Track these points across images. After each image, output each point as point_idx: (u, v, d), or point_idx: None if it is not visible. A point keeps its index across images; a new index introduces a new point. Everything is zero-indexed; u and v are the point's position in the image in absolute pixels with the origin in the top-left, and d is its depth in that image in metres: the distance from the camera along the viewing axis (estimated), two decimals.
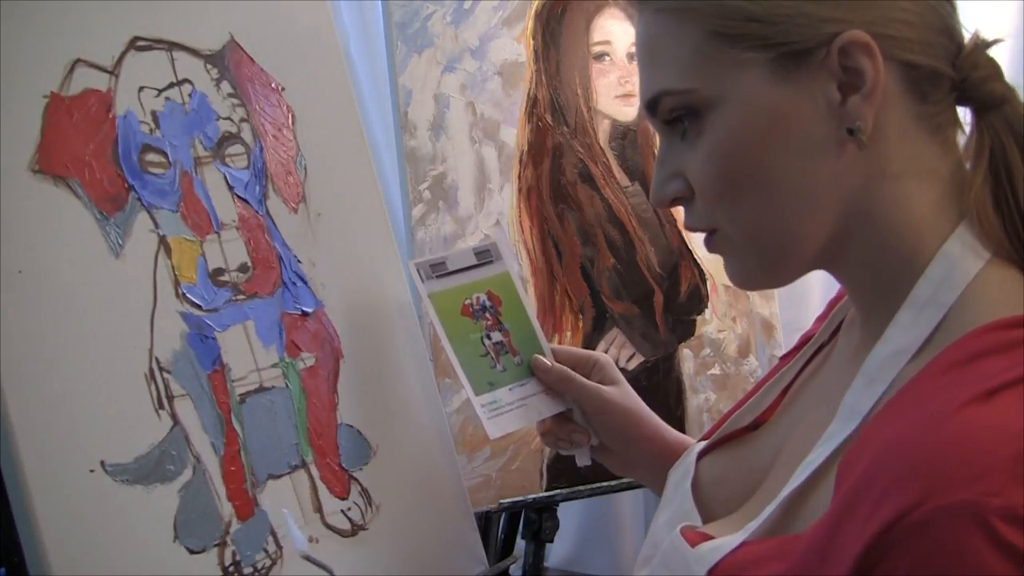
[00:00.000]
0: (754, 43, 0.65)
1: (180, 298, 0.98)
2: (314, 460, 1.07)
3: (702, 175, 0.68)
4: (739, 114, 0.66)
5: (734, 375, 1.67)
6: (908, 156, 0.66)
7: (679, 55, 0.67)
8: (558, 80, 1.57)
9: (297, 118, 1.15)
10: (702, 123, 0.67)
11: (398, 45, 1.46)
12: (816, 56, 0.64)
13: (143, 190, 0.97)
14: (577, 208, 1.57)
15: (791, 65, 0.65)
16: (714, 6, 0.65)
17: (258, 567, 0.98)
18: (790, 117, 0.65)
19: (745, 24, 0.65)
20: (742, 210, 0.68)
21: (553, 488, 1.51)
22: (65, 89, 0.93)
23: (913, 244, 0.66)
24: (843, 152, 0.65)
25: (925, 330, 0.64)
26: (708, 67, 0.66)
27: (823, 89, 0.65)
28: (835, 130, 0.65)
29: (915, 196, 0.67)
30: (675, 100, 0.68)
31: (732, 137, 0.66)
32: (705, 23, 0.66)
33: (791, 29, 0.64)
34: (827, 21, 0.64)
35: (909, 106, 0.66)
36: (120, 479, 0.89)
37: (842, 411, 0.66)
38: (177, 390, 0.95)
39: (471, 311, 0.95)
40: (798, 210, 0.67)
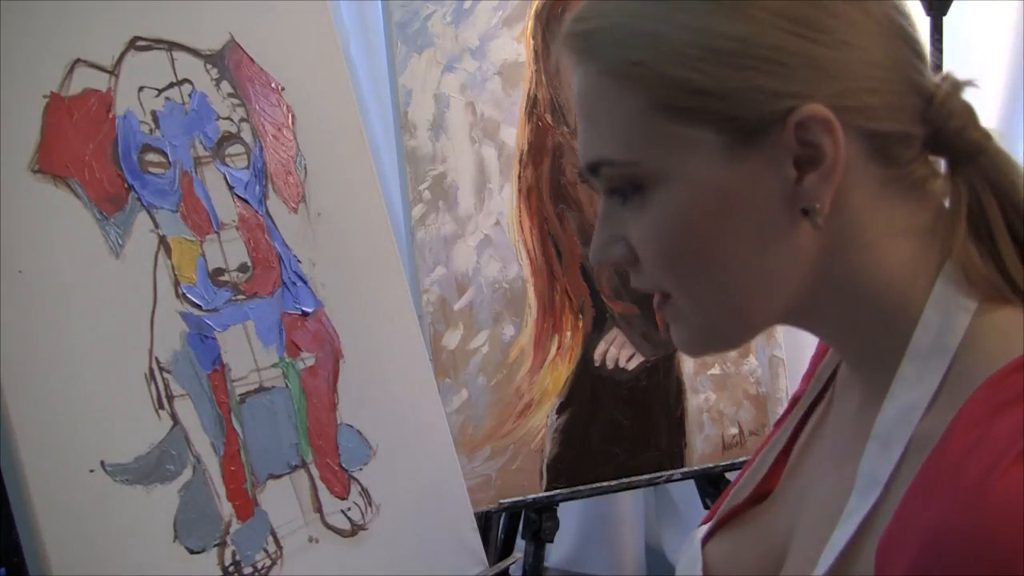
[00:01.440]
0: (702, 118, 0.59)
1: (180, 298, 0.98)
2: (314, 460, 1.07)
3: (645, 248, 0.63)
4: (685, 194, 0.61)
5: (734, 375, 1.67)
6: (880, 223, 0.62)
7: (619, 123, 0.62)
8: (558, 80, 1.57)
9: (297, 118, 1.15)
10: (645, 196, 0.62)
11: (398, 45, 1.46)
12: (771, 133, 0.59)
13: (143, 190, 0.97)
14: (577, 208, 1.57)
15: (744, 142, 0.59)
16: (659, 75, 0.60)
17: (258, 567, 0.98)
18: (742, 198, 0.60)
19: (692, 97, 0.59)
20: (690, 287, 0.64)
21: (553, 488, 1.51)
22: (65, 89, 0.93)
23: (898, 298, 0.62)
24: (797, 230, 0.61)
25: (934, 381, 0.60)
26: (652, 141, 0.61)
27: (778, 167, 0.59)
28: (790, 209, 0.60)
29: (891, 256, 0.62)
30: (615, 171, 0.63)
31: (678, 216, 0.61)
32: (649, 93, 0.60)
33: (743, 104, 0.59)
34: (782, 95, 0.58)
35: (876, 173, 0.61)
36: (120, 479, 0.89)
37: (860, 482, 0.61)
38: (177, 390, 0.95)
39: None
40: (748, 287, 0.63)
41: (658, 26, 0.60)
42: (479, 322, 1.49)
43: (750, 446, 1.67)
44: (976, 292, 0.60)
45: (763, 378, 1.69)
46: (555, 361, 1.54)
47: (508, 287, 1.51)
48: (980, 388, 0.56)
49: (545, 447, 1.51)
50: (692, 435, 1.63)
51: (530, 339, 1.52)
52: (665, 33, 0.60)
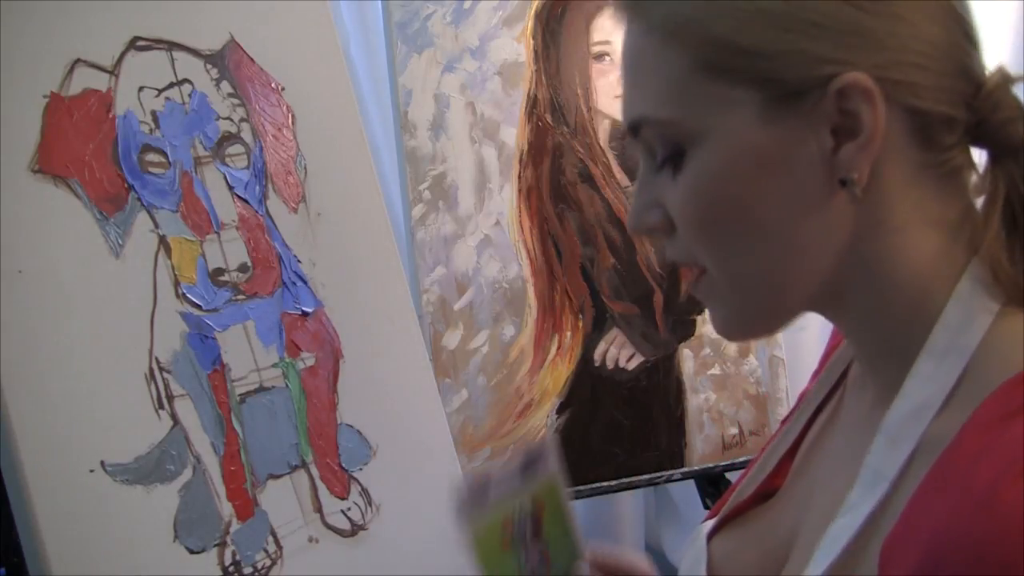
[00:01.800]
0: (744, 78, 0.59)
1: (180, 298, 0.98)
2: (314, 460, 1.07)
3: (682, 212, 0.63)
4: (723, 154, 0.60)
5: (734, 375, 1.67)
6: (911, 207, 0.61)
7: (663, 82, 0.61)
8: (558, 80, 1.57)
9: (297, 118, 1.15)
10: (683, 157, 0.61)
11: (398, 45, 1.46)
12: (811, 98, 0.58)
13: (143, 190, 0.97)
14: (577, 208, 1.57)
15: (783, 105, 0.59)
16: (704, 33, 0.59)
17: (258, 567, 0.98)
18: (778, 162, 0.59)
19: (736, 57, 0.59)
20: (723, 254, 0.63)
21: None
22: (65, 89, 0.93)
23: (920, 293, 0.61)
24: (835, 202, 0.60)
25: (949, 380, 0.58)
26: (693, 99, 0.60)
27: (816, 134, 0.59)
28: (826, 179, 0.59)
29: (919, 246, 0.61)
30: (655, 129, 0.63)
31: (714, 178, 0.61)
32: (693, 51, 0.60)
33: (786, 66, 0.58)
34: (827, 61, 0.58)
35: (914, 154, 0.60)
36: (120, 479, 0.89)
37: (864, 475, 0.60)
38: (177, 390, 0.95)
39: (511, 539, 0.91)
40: (783, 259, 0.62)
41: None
42: (479, 322, 1.48)
43: (750, 446, 1.67)
44: (1001, 293, 0.59)
45: (763, 378, 1.69)
46: (555, 361, 1.54)
47: (508, 287, 1.51)
48: (994, 393, 0.55)
49: None
50: (692, 435, 1.63)
51: (530, 339, 1.52)
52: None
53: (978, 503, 0.51)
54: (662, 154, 0.63)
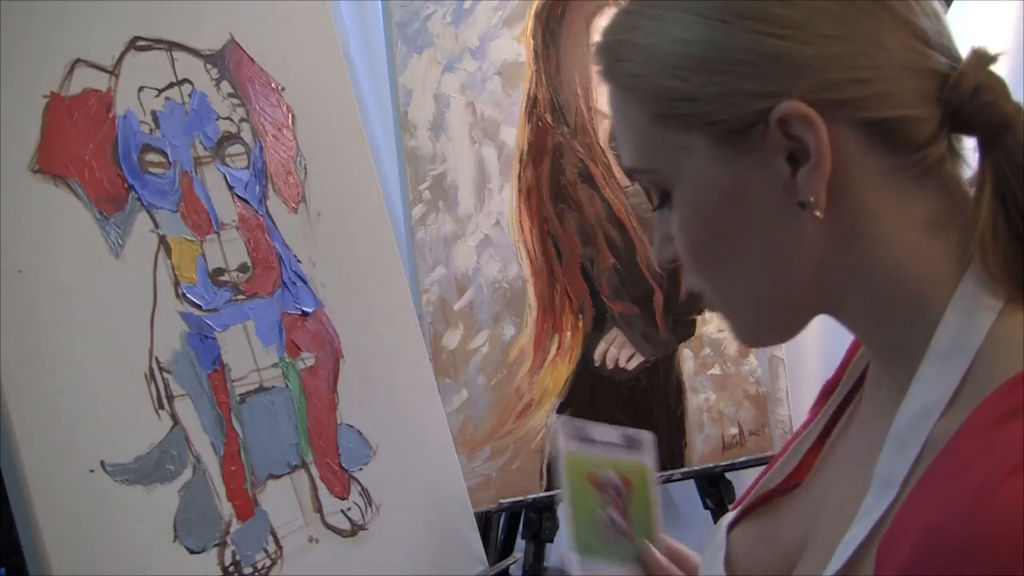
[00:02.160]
0: (691, 123, 0.62)
1: (180, 298, 0.98)
2: (314, 460, 1.07)
3: (679, 247, 0.67)
4: (692, 194, 0.64)
5: (734, 375, 1.67)
6: (888, 212, 0.61)
7: (635, 134, 0.66)
8: (558, 80, 1.57)
9: (297, 118, 1.15)
10: (672, 198, 0.66)
11: (398, 45, 1.46)
12: (756, 131, 0.60)
13: (143, 190, 0.97)
14: (577, 208, 1.57)
15: (731, 143, 0.61)
16: (652, 86, 0.63)
17: (258, 567, 0.98)
18: (741, 194, 0.62)
19: (679, 104, 0.62)
20: (714, 281, 0.67)
21: (553, 488, 1.51)
22: (65, 89, 0.93)
23: (918, 296, 0.61)
24: (803, 223, 0.61)
25: (952, 382, 0.59)
26: (658, 148, 0.64)
27: (770, 164, 0.61)
28: (789, 203, 0.61)
29: (908, 250, 0.61)
30: (643, 177, 0.68)
31: (691, 215, 0.65)
32: (647, 104, 0.64)
33: (725, 107, 0.60)
34: (760, 96, 0.59)
35: (878, 162, 0.60)
36: (120, 479, 0.89)
37: (876, 482, 0.61)
38: (177, 390, 0.95)
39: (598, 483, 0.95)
40: (768, 281, 0.64)
41: (650, 39, 0.63)
42: (479, 322, 1.49)
43: (750, 446, 1.67)
44: (1001, 291, 0.59)
45: (763, 378, 1.69)
46: (555, 361, 1.54)
47: (508, 287, 1.51)
48: (994, 392, 0.55)
49: (545, 447, 1.51)
50: (692, 435, 1.63)
51: (530, 339, 1.52)
52: (655, 44, 0.62)
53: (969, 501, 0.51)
54: (656, 195, 0.67)
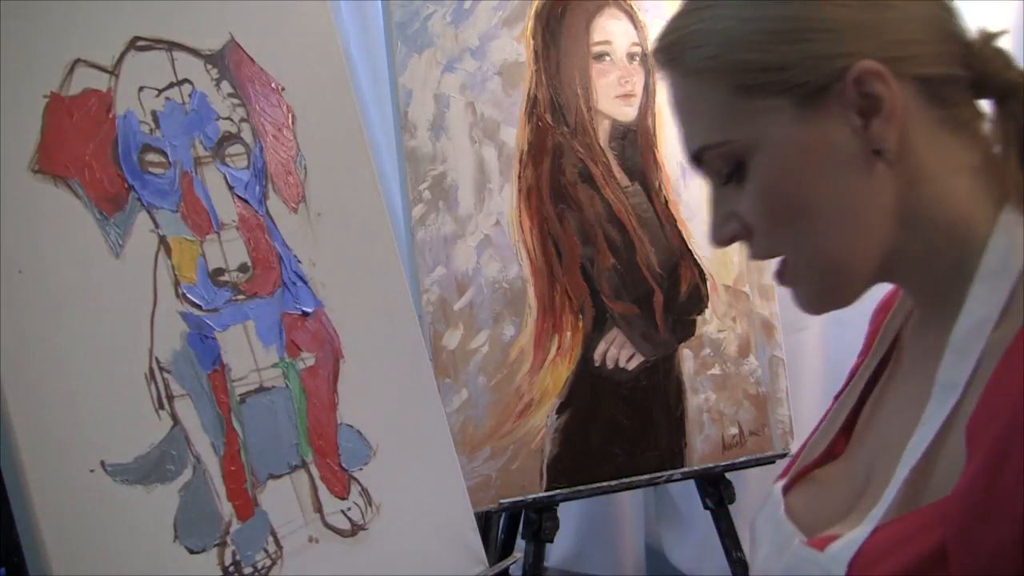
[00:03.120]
0: (774, 90, 0.70)
1: (180, 298, 0.98)
2: (314, 460, 1.07)
3: (754, 213, 0.73)
4: (774, 155, 0.71)
5: (734, 375, 1.67)
6: (939, 158, 0.71)
7: (710, 112, 0.73)
8: (558, 80, 1.57)
9: (297, 118, 1.15)
10: (744, 168, 0.72)
11: (398, 45, 1.46)
12: (833, 91, 0.69)
13: (143, 190, 0.97)
14: (577, 208, 1.57)
15: (812, 103, 0.69)
16: (731, 63, 0.71)
17: (258, 567, 0.98)
18: (820, 149, 0.70)
19: (762, 74, 0.70)
20: (798, 237, 0.73)
21: (553, 488, 1.51)
22: (65, 89, 0.93)
23: (964, 231, 0.71)
24: (874, 170, 0.70)
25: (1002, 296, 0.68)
26: (738, 119, 0.71)
27: (846, 118, 0.69)
28: (863, 152, 0.70)
29: (954, 190, 0.71)
30: (715, 152, 0.73)
31: (772, 176, 0.71)
32: (727, 79, 0.71)
33: (805, 71, 0.69)
34: (836, 57, 0.68)
35: (931, 114, 0.70)
36: (120, 479, 0.89)
37: (938, 389, 0.69)
38: (177, 390, 0.95)
39: None
40: (846, 228, 0.72)
41: (724, 23, 0.71)
42: (479, 322, 1.49)
43: (750, 446, 1.67)
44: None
45: (763, 378, 1.69)
46: (555, 361, 1.54)
47: (508, 287, 1.51)
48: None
49: (545, 447, 1.51)
50: (692, 435, 1.63)
51: (530, 339, 1.52)
52: (731, 27, 0.71)
53: None
54: (726, 171, 0.74)
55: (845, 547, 0.69)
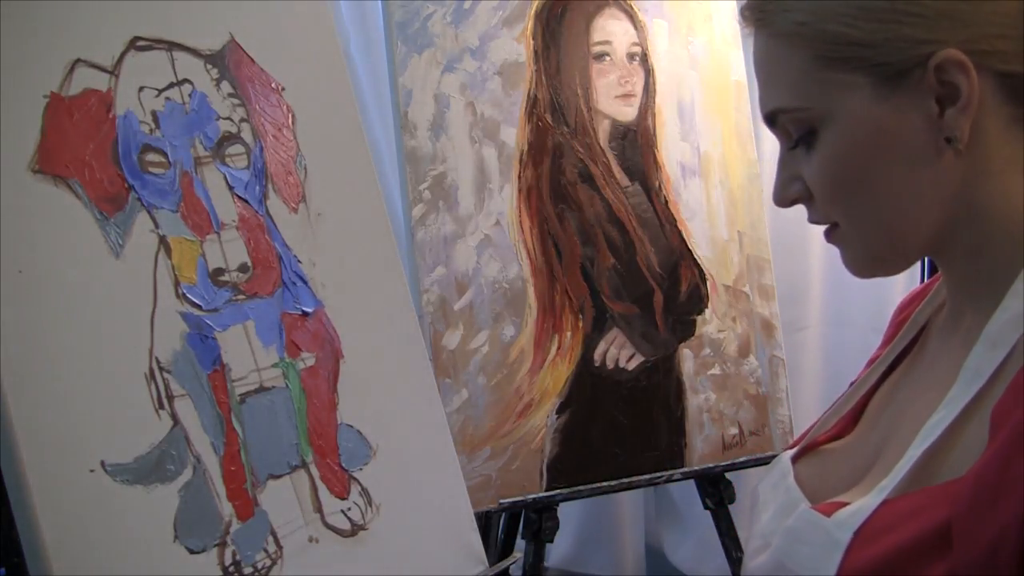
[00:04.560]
0: (857, 65, 0.71)
1: (180, 298, 0.98)
2: (314, 460, 1.07)
3: (818, 181, 0.75)
4: (847, 130, 0.72)
5: (734, 375, 1.67)
6: (1006, 154, 0.72)
7: (790, 77, 0.74)
8: (558, 80, 1.57)
9: (297, 118, 1.15)
10: (815, 135, 0.74)
11: (398, 45, 1.46)
12: (914, 75, 0.70)
13: (143, 190, 0.97)
14: (577, 208, 1.57)
15: (892, 84, 0.70)
16: (819, 32, 0.72)
17: (258, 567, 0.98)
18: (893, 130, 0.71)
19: (848, 48, 0.71)
20: (854, 210, 0.75)
21: (553, 488, 1.51)
22: (65, 89, 0.93)
23: (1017, 229, 0.72)
24: (942, 158, 0.71)
25: None
26: (816, 88, 0.73)
27: (922, 103, 0.70)
28: (934, 140, 0.71)
29: (1015, 188, 0.72)
30: (790, 116, 0.75)
31: (842, 150, 0.73)
32: (812, 48, 0.72)
33: (890, 51, 0.70)
34: (924, 42, 0.69)
35: (1006, 110, 0.71)
36: (120, 479, 0.89)
37: (964, 375, 0.70)
38: (177, 390, 0.95)
39: None
40: (903, 210, 0.73)
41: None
42: (479, 322, 1.49)
43: (750, 446, 1.67)
44: None
45: (763, 378, 1.69)
46: (555, 361, 1.54)
47: (508, 287, 1.51)
48: None
49: (545, 447, 1.51)
50: (692, 435, 1.63)
51: (530, 339, 1.52)
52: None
53: None
54: (796, 135, 0.75)
55: (853, 514, 0.70)
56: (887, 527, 0.67)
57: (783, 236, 1.91)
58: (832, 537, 0.70)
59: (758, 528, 0.83)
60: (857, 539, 0.68)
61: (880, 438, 0.79)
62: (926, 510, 0.66)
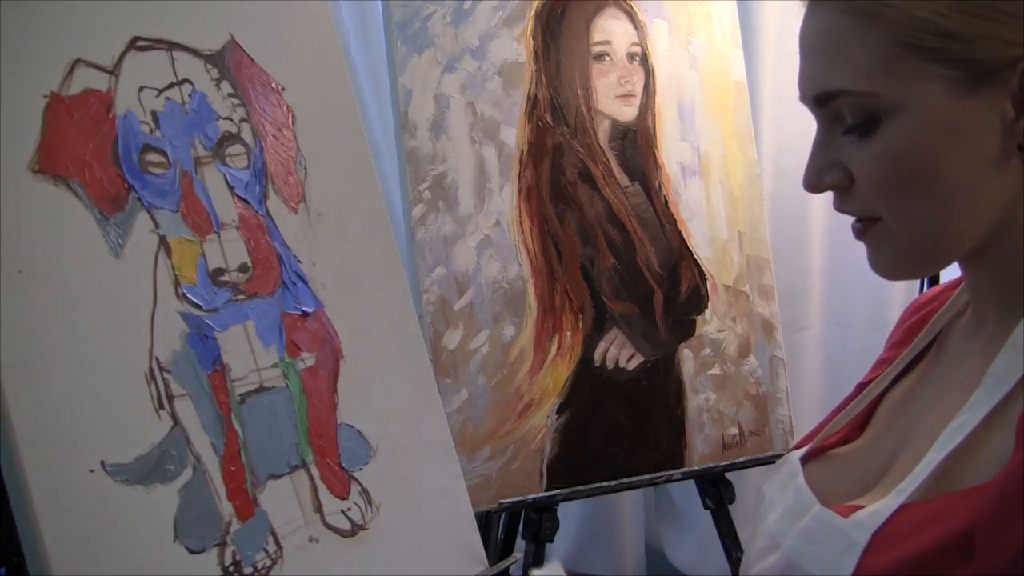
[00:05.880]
0: (942, 57, 0.67)
1: (180, 298, 0.98)
2: (314, 460, 1.07)
3: (872, 172, 0.71)
4: (918, 123, 0.68)
5: (734, 375, 1.67)
6: None
7: (863, 57, 0.69)
8: (558, 80, 1.57)
9: (297, 118, 1.15)
10: (877, 124, 0.69)
11: (398, 45, 1.46)
12: (1000, 76, 0.67)
13: (143, 190, 0.97)
14: (577, 208, 1.57)
15: (975, 82, 0.67)
16: (907, 16, 0.67)
17: (258, 567, 0.98)
18: (966, 130, 0.68)
19: (936, 38, 0.67)
20: (908, 208, 0.71)
21: (553, 488, 1.51)
22: (65, 89, 0.93)
23: None
24: (1009, 164, 0.68)
25: None
26: (892, 74, 0.68)
27: (1000, 106, 0.67)
28: (1006, 144, 0.68)
29: None
30: (853, 100, 0.70)
31: (909, 143, 0.69)
32: (895, 31, 0.68)
33: (980, 48, 0.67)
34: (1016, 44, 0.66)
35: None
36: (120, 479, 0.89)
37: (988, 379, 0.69)
38: (177, 390, 0.95)
39: None
40: (959, 214, 0.70)
41: None
42: (479, 322, 1.49)
43: (750, 446, 1.67)
44: None
45: (763, 378, 1.69)
46: (555, 361, 1.54)
47: (508, 287, 1.51)
48: None
49: (545, 447, 1.51)
50: (692, 435, 1.63)
51: (530, 339, 1.52)
52: None
53: None
54: (852, 121, 0.71)
55: (871, 516, 0.68)
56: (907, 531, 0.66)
57: (783, 236, 1.91)
58: (849, 539, 0.69)
59: (765, 528, 0.81)
60: (875, 542, 0.67)
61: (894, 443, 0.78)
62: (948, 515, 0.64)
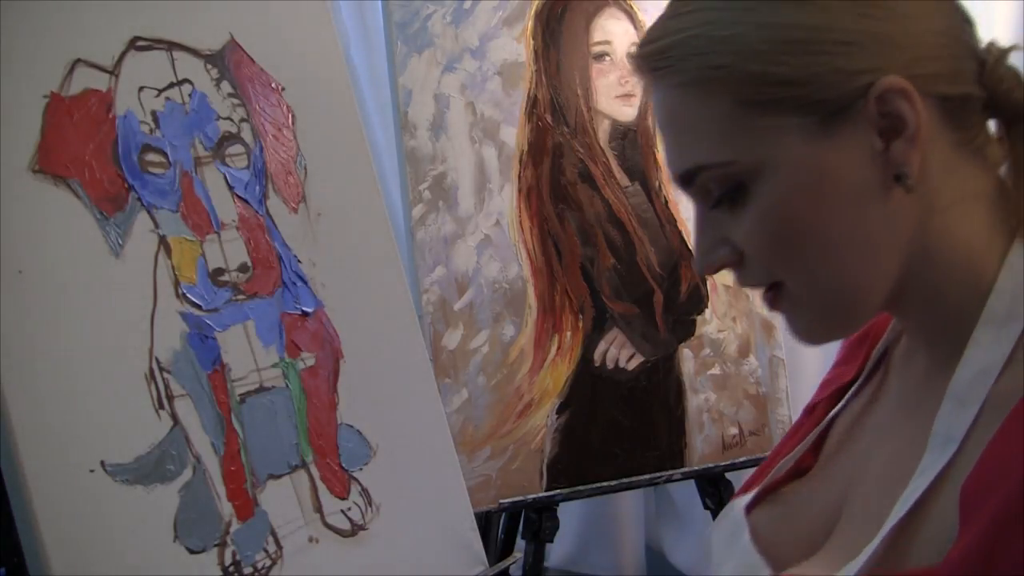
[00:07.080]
0: (788, 106, 0.63)
1: (180, 298, 0.98)
2: (314, 460, 1.07)
3: (755, 241, 0.66)
4: (784, 179, 0.64)
5: (734, 375, 1.67)
6: (953, 185, 0.65)
7: (708, 128, 0.65)
8: (558, 80, 1.57)
9: (297, 118, 1.15)
10: (745, 190, 0.65)
11: (398, 45, 1.46)
12: (854, 109, 0.62)
13: (143, 190, 0.97)
14: (577, 208, 1.57)
15: (830, 122, 0.63)
16: (739, 74, 0.63)
17: (258, 567, 0.98)
18: (837, 172, 0.63)
19: (774, 89, 0.63)
20: (802, 267, 0.66)
21: (553, 488, 1.51)
22: (65, 89, 0.93)
23: (974, 267, 0.65)
24: (892, 196, 0.64)
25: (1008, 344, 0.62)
26: (743, 137, 0.64)
27: (865, 139, 0.63)
28: (882, 177, 0.63)
29: (966, 221, 0.65)
30: (712, 173, 0.66)
31: (782, 201, 0.64)
32: (732, 93, 0.63)
33: (823, 87, 0.62)
34: (860, 72, 0.62)
35: (948, 137, 0.65)
36: (120, 479, 0.89)
37: (934, 440, 0.64)
38: (177, 390, 0.95)
39: None
40: (857, 260, 0.65)
41: (733, 29, 0.63)
42: (479, 322, 1.49)
43: (750, 446, 1.67)
44: None
45: (763, 378, 1.69)
46: (555, 361, 1.54)
47: (508, 287, 1.51)
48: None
49: (545, 447, 1.51)
50: (692, 435, 1.63)
51: (530, 339, 1.52)
52: (742, 34, 0.63)
53: None
54: (717, 193, 0.66)
55: None
56: None
57: None
58: None
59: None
60: None
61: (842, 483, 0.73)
62: None
